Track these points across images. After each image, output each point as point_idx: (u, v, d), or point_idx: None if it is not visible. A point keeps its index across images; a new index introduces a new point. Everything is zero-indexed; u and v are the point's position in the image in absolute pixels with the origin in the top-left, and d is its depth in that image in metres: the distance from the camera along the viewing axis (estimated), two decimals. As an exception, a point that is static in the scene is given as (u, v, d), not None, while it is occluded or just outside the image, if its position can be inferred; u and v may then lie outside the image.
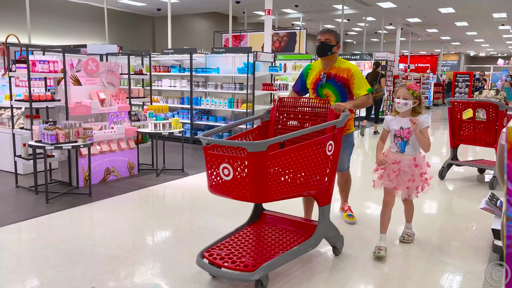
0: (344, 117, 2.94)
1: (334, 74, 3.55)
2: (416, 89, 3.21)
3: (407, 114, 3.23)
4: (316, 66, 3.68)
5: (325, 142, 2.82)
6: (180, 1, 16.33)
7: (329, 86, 3.57)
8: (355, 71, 3.53)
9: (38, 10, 14.94)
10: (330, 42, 3.51)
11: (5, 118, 5.60)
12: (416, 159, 3.23)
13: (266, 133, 3.28)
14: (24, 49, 4.92)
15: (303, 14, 18.96)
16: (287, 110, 3.27)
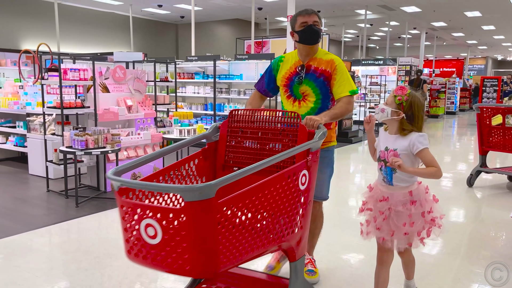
0: (320, 137, 2.20)
1: (315, 67, 2.70)
2: (398, 93, 2.25)
3: (394, 128, 2.31)
4: (289, 58, 2.82)
5: (297, 172, 2.04)
6: (203, 8, 16.56)
7: (308, 82, 2.70)
8: (340, 64, 2.70)
9: (66, 19, 15.42)
10: (318, 25, 2.69)
11: (37, 124, 5.80)
12: (413, 192, 2.26)
13: (215, 159, 2.46)
14: (56, 57, 5.09)
15: (325, 20, 18.93)
16: (242, 125, 2.42)
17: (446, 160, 8.30)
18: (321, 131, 2.23)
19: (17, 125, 6.35)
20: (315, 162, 2.19)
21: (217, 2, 15.58)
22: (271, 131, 2.36)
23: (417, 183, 2.32)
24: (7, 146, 6.52)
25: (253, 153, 2.39)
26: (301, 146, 2.10)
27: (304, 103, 2.72)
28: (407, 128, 2.25)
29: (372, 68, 14.21)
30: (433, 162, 2.20)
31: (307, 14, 2.68)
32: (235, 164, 2.42)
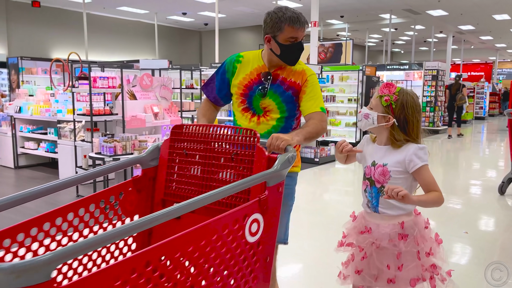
0: (283, 164, 1.58)
1: (283, 78, 2.14)
2: (384, 92, 1.73)
3: (383, 138, 1.79)
4: (250, 59, 2.19)
5: (240, 218, 1.43)
6: (227, 15, 16.74)
7: (272, 95, 2.12)
8: (312, 76, 2.17)
9: (94, 28, 15.86)
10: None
11: (68, 131, 5.97)
12: (405, 224, 1.71)
13: (152, 190, 1.90)
14: (86, 66, 5.25)
15: (349, 25, 18.82)
16: (187, 146, 1.85)
17: (475, 167, 8.09)
18: (286, 156, 1.60)
19: (48, 132, 6.55)
20: (275, 201, 1.57)
21: (241, 9, 15.72)
22: (223, 154, 1.76)
23: (414, 211, 1.77)
24: (39, 152, 6.73)
25: (199, 184, 1.79)
26: (249, 180, 1.47)
27: (264, 119, 2.14)
28: (399, 137, 1.72)
29: (397, 73, 14.02)
30: (435, 185, 1.67)
31: (300, 27, 2.03)
32: (177, 198, 1.83)
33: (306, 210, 4.92)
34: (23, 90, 7.50)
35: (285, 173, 1.61)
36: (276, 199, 1.59)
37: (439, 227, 4.24)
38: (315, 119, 2.03)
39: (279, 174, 1.57)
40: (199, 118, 2.25)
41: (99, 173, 1.74)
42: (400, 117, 1.72)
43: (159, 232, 1.82)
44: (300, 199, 5.44)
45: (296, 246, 3.68)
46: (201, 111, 2.28)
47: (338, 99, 10.11)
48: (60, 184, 1.56)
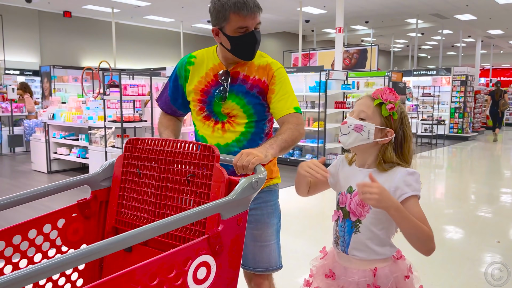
0: (244, 191, 1.29)
1: (244, 76, 1.80)
2: (390, 98, 1.35)
3: (368, 158, 1.41)
4: (204, 59, 1.86)
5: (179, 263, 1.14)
6: (251, 22, 16.89)
7: (234, 98, 1.79)
8: (279, 70, 1.82)
9: (122, 37, 16.28)
10: (259, 27, 1.75)
11: (98, 137, 6.14)
12: (379, 272, 1.34)
13: (104, 216, 1.62)
14: (116, 73, 5.41)
15: (373, 30, 18.66)
16: (141, 164, 1.57)
17: (507, 175, 7.85)
18: (249, 181, 1.29)
19: (79, 138, 6.76)
20: (234, 237, 1.28)
21: (265, 16, 15.84)
22: (178, 175, 1.47)
23: (393, 257, 1.39)
24: (70, 158, 6.95)
25: (152, 212, 1.51)
26: (194, 213, 1.15)
27: (230, 126, 1.80)
28: (391, 158, 1.36)
29: (424, 78, 13.79)
30: (425, 222, 1.28)
31: (248, 14, 1.65)
32: (128, 227, 1.55)
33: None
34: (56, 98, 7.76)
35: (248, 201, 1.30)
36: (235, 235, 1.27)
37: (471, 235, 4.14)
38: (290, 123, 1.73)
39: (238, 204, 1.26)
40: (161, 132, 1.91)
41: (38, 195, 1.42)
42: (399, 131, 1.37)
43: (110, 265, 1.57)
44: (326, 206, 5.44)
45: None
46: (162, 124, 1.94)
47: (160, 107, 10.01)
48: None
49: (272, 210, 1.87)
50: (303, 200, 4.80)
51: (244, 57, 1.77)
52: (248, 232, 1.72)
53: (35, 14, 14.68)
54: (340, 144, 8.23)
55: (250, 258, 1.80)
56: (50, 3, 13.84)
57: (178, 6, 14.03)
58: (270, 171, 1.88)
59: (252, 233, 1.79)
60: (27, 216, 1.46)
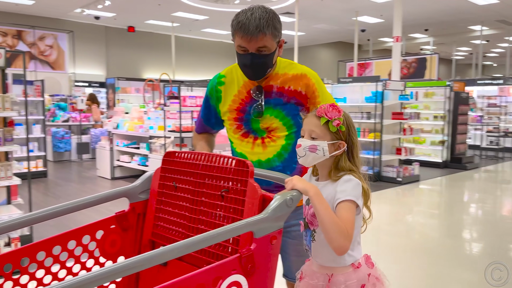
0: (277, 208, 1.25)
1: (278, 88, 1.78)
2: (334, 115, 1.41)
3: (325, 171, 1.46)
4: (234, 77, 1.85)
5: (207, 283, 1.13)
6: (306, 33, 16.92)
7: (272, 111, 1.77)
8: (317, 79, 1.81)
9: (181, 49, 16.94)
10: (267, 51, 1.67)
11: (158, 145, 6.43)
12: (333, 279, 1.41)
13: (141, 229, 1.62)
14: (176, 85, 5.65)
15: (434, 38, 17.97)
16: (178, 177, 1.56)
17: None
18: (284, 198, 1.26)
19: (140, 146, 7.11)
20: (267, 257, 1.23)
21: (320, 26, 15.81)
22: (213, 190, 1.45)
23: (352, 265, 1.43)
24: (131, 165, 7.32)
25: (187, 226, 1.49)
26: (224, 231, 1.13)
27: (271, 141, 1.78)
28: (344, 167, 1.41)
29: (490, 88, 13.03)
30: (348, 222, 1.31)
31: (248, 36, 1.62)
32: (164, 241, 1.54)
33: (387, 231, 4.76)
34: (120, 108, 8.23)
35: (283, 220, 1.25)
36: (268, 255, 1.22)
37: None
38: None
39: (272, 222, 1.21)
40: (195, 144, 1.92)
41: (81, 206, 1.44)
42: (348, 140, 1.44)
43: (145, 278, 1.57)
44: (380, 219, 5.29)
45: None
46: (196, 137, 1.99)
47: (423, 116, 9.67)
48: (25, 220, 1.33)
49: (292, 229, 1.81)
50: None
51: (247, 76, 1.76)
52: (292, 247, 1.75)
53: (102, 29, 15.71)
54: (399, 156, 7.99)
55: (293, 271, 1.78)
56: (116, 19, 14.75)
57: (234, 18, 14.40)
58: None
59: (296, 248, 1.76)
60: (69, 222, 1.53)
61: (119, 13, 13.71)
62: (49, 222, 1.54)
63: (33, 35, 14.05)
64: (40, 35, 14.21)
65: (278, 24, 1.68)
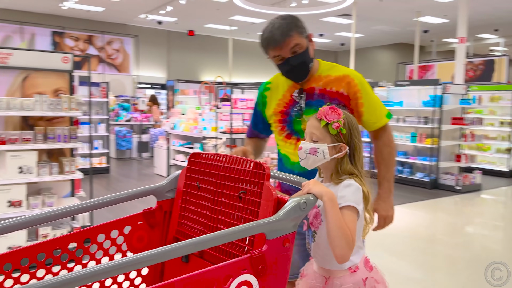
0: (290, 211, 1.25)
1: (321, 90, 1.83)
2: (333, 118, 1.42)
3: (328, 173, 1.49)
4: (279, 83, 1.96)
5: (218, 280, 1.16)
6: (365, 35, 16.55)
7: (312, 112, 1.68)
8: (362, 81, 1.83)
9: (237, 52, 17.26)
10: (300, 49, 1.77)
11: (210, 146, 6.64)
12: (329, 282, 1.44)
13: (167, 226, 1.68)
14: (229, 88, 5.81)
15: (505, 39, 16.80)
16: (201, 178, 1.61)
17: None
18: (297, 202, 1.26)
19: (194, 147, 7.38)
20: (279, 259, 1.24)
21: (379, 28, 15.41)
22: (232, 191, 1.49)
23: (349, 269, 1.43)
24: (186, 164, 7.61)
25: (207, 225, 1.54)
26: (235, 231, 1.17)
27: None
28: (346, 170, 1.43)
29: None
30: (350, 229, 1.31)
31: (276, 46, 1.74)
32: (186, 238, 1.58)
33: (444, 242, 4.57)
34: (177, 109, 8.59)
35: (296, 223, 1.26)
36: (281, 257, 1.23)
37: None
38: (386, 139, 1.85)
39: (284, 225, 1.23)
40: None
41: (111, 202, 1.53)
42: (350, 143, 1.45)
43: (169, 273, 1.64)
44: (436, 229, 5.08)
45: (431, 280, 3.46)
46: (246, 142, 2.12)
47: (487, 122, 9.11)
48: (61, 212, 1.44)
49: None
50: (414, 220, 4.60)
51: (294, 79, 1.86)
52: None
53: (164, 34, 16.43)
54: (458, 163, 7.59)
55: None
56: (177, 24, 15.37)
57: (291, 21, 14.42)
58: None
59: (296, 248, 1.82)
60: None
61: (180, 17, 14.27)
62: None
63: (102, 40, 15.03)
64: (108, 40, 15.17)
65: (299, 23, 1.77)
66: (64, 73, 4.00)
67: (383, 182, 1.85)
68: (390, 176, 1.85)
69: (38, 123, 3.84)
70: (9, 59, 3.69)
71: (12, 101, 3.59)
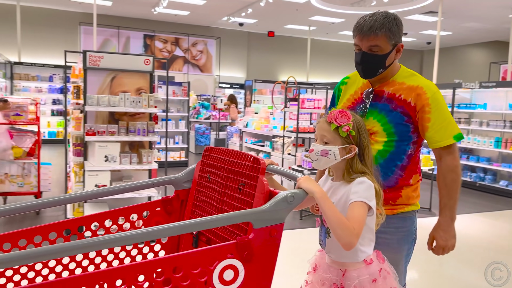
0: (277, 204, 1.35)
1: (389, 94, 1.82)
2: (343, 121, 1.51)
3: (340, 173, 1.58)
4: (356, 79, 1.98)
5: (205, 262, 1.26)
6: (453, 33, 15.57)
7: (376, 115, 1.82)
8: (435, 95, 1.76)
9: (316, 52, 17.26)
10: (379, 51, 1.76)
11: (279, 144, 6.85)
12: (347, 274, 1.52)
13: (182, 214, 1.81)
14: (302, 88, 5.96)
15: None
16: (212, 171, 1.74)
17: None
18: (284, 195, 1.35)
19: (265, 144, 7.64)
20: (266, 247, 1.33)
21: (470, 25, 14.39)
22: (234, 183, 1.60)
23: (364, 261, 1.52)
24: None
25: (211, 213, 1.66)
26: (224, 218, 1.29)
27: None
28: (357, 168, 1.51)
29: None
30: (357, 221, 1.40)
31: (360, 35, 1.75)
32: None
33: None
34: (251, 109, 8.94)
35: (283, 215, 1.34)
36: (268, 246, 1.32)
37: None
38: (450, 162, 1.75)
39: (271, 215, 1.31)
40: None
41: (130, 189, 1.70)
42: (359, 143, 1.54)
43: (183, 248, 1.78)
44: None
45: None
46: None
47: None
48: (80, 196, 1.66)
49: (403, 236, 1.84)
50: (494, 231, 4.53)
51: (359, 73, 1.86)
52: None
53: (245, 35, 17.00)
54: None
55: None
56: (258, 25, 15.82)
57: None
58: (407, 197, 1.84)
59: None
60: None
61: (260, 19, 14.68)
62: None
63: (188, 42, 16.00)
64: (193, 42, 16.11)
65: (394, 28, 1.74)
66: (146, 74, 4.47)
67: (444, 210, 1.78)
68: (453, 204, 1.76)
69: (122, 118, 4.35)
70: (100, 61, 4.24)
71: (101, 98, 4.13)
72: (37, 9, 13.73)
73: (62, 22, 14.08)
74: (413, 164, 1.84)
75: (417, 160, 1.87)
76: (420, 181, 1.90)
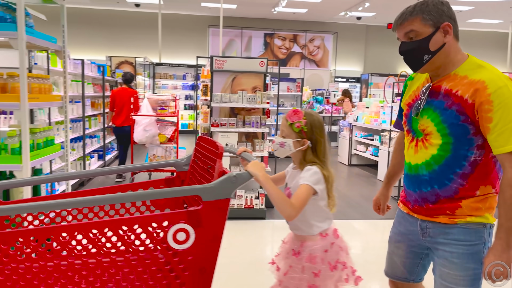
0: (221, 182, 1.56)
1: (446, 90, 1.59)
2: (295, 119, 1.82)
3: (297, 161, 1.89)
4: (422, 75, 1.78)
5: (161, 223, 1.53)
6: None
7: (431, 113, 1.62)
8: (500, 92, 1.47)
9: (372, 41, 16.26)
10: (417, 36, 1.59)
11: (387, 138, 6.97)
12: (304, 244, 1.83)
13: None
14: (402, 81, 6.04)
15: None
16: (198, 156, 2.03)
17: None
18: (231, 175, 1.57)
19: (374, 138, 7.80)
20: (214, 217, 1.55)
21: None
22: (206, 165, 1.89)
23: (320, 234, 1.84)
24: (366, 155, 8.11)
25: None
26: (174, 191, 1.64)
27: (423, 146, 1.66)
28: (310, 159, 1.82)
29: None
30: (298, 199, 1.70)
31: (395, 25, 1.65)
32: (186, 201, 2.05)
33: None
34: (362, 103, 9.11)
35: (229, 192, 1.55)
36: (215, 216, 1.55)
37: None
38: (509, 183, 1.47)
39: (217, 191, 1.53)
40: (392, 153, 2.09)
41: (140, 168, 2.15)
42: (312, 138, 1.83)
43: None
44: None
45: None
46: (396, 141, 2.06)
47: None
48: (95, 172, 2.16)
49: (464, 251, 1.59)
50: None
51: (408, 66, 1.70)
52: (437, 267, 1.68)
53: (363, 28, 16.87)
54: None
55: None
56: (376, 18, 15.59)
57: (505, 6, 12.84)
58: (470, 208, 1.60)
59: (440, 269, 1.66)
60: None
61: (378, 12, 14.48)
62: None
63: (305, 38, 16.55)
64: (311, 38, 16.59)
65: (430, 7, 1.57)
66: (260, 74, 5.14)
67: (499, 232, 1.49)
68: (511, 226, 1.46)
69: (240, 112, 5.09)
70: (224, 65, 5.03)
71: (224, 95, 4.91)
72: (174, 15, 15.66)
73: (194, 25, 15.83)
74: (481, 173, 1.58)
75: (488, 170, 1.58)
76: (495, 194, 1.61)
